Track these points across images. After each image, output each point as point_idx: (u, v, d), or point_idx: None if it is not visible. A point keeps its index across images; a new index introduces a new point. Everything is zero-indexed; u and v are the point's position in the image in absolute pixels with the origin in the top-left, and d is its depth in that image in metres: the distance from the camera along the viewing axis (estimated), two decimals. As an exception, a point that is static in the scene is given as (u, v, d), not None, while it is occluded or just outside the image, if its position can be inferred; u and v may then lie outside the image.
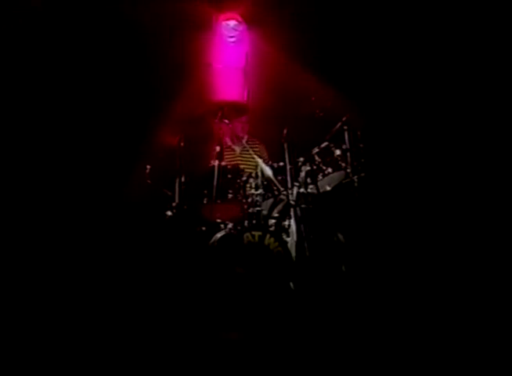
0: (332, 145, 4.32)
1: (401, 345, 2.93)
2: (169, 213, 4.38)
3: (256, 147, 4.80)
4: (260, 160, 4.35)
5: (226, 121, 4.45)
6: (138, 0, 4.61)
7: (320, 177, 4.29)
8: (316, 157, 4.32)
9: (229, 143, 4.87)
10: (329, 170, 4.30)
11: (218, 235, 4.03)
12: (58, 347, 3.00)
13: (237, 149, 4.88)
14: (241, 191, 4.30)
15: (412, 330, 3.07)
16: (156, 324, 3.32)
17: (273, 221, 4.26)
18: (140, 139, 4.77)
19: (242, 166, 4.54)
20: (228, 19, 5.18)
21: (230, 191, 4.32)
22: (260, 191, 4.26)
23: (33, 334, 3.13)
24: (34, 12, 4.50)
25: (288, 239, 4.07)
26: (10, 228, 4.18)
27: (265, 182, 4.30)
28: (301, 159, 4.28)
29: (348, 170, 4.26)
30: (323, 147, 4.32)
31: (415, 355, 2.82)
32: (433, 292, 3.50)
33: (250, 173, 4.38)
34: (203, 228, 4.22)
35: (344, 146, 4.30)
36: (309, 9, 4.81)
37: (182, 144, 4.45)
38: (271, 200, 4.31)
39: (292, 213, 4.08)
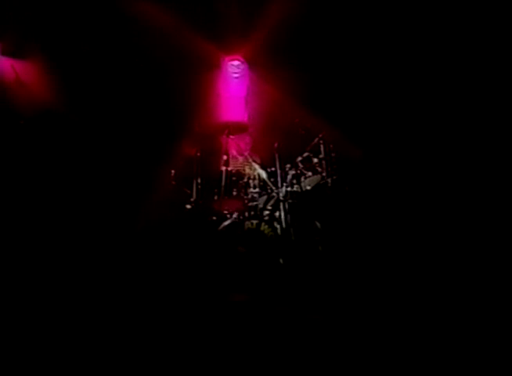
0: (311, 155, 4.84)
1: (360, 301, 3.36)
2: (188, 206, 4.86)
3: (253, 156, 5.02)
4: (257, 166, 4.81)
5: (231, 136, 4.98)
6: (169, 49, 4.98)
7: (302, 179, 4.78)
8: (299, 164, 4.81)
9: (234, 153, 5.13)
10: (309, 174, 4.80)
11: (225, 223, 4.56)
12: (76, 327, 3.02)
13: (240, 158, 5.13)
14: (243, 190, 4.79)
15: (366, 292, 3.50)
16: (178, 287, 3.71)
17: (267, 212, 4.70)
18: (166, 151, 5.08)
19: (243, 171, 4.97)
20: (232, 60, 5.52)
21: (234, 190, 4.85)
22: (257, 190, 4.76)
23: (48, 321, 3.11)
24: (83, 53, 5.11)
25: (278, 226, 4.52)
26: (52, 222, 4.53)
27: (261, 183, 4.78)
28: (288, 165, 4.79)
29: (324, 174, 4.76)
30: (305, 156, 4.83)
31: (376, 314, 3.12)
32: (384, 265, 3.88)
33: (250, 176, 4.87)
34: (214, 218, 4.70)
35: (320, 156, 4.83)
36: (294, 53, 5.13)
37: (198, 154, 4.98)
38: (265, 197, 4.77)
39: (281, 206, 4.57)
